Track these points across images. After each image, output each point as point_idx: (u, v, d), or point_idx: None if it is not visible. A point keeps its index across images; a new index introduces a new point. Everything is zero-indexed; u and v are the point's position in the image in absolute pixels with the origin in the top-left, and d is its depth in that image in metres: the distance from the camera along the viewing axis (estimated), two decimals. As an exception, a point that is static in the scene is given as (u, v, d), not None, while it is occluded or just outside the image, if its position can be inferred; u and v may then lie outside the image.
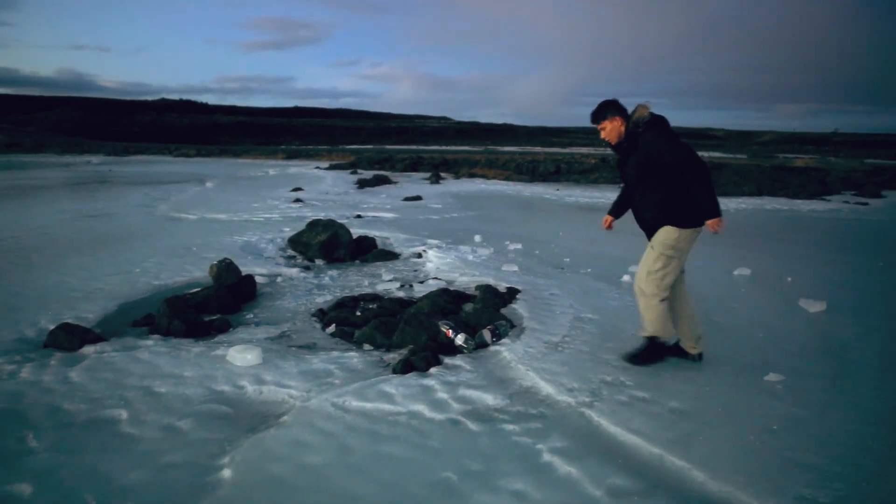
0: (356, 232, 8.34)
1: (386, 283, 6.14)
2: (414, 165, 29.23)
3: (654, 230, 3.60)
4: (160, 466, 2.61)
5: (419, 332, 4.19)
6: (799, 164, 32.41)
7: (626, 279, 6.09)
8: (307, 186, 18.14)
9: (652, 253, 3.57)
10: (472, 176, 25.08)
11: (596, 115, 3.67)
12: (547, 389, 3.38)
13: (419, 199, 14.99)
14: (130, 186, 18.25)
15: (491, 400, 3.25)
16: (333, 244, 7.41)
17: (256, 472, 2.55)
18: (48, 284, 5.62)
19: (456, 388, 3.38)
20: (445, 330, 4.20)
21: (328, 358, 3.88)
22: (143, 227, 9.71)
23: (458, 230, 9.74)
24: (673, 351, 3.81)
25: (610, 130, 3.64)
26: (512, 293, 5.51)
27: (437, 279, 6.21)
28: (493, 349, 4.06)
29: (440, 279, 6.21)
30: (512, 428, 2.93)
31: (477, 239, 8.72)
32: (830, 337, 4.39)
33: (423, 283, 6.12)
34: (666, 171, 3.44)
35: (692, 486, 2.48)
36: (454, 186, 19.86)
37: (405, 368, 3.69)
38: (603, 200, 15.31)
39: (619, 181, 4.10)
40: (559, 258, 7.42)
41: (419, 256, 7.57)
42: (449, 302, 5.11)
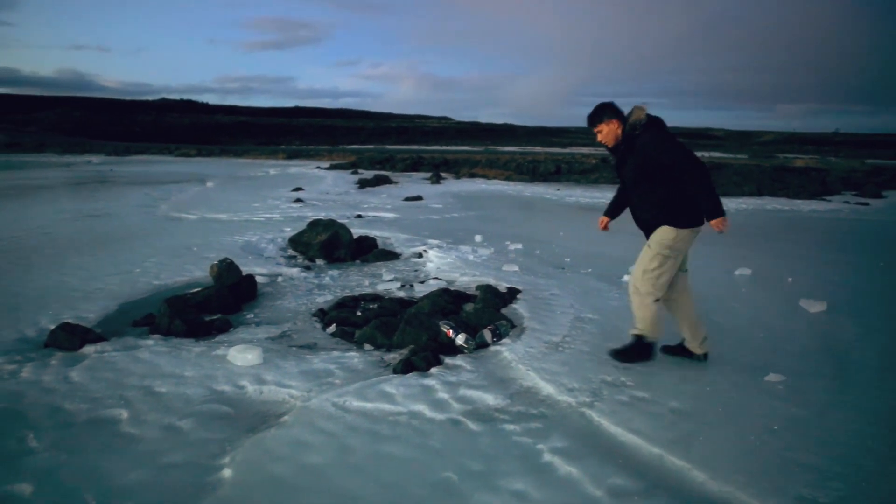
0: (357, 232, 8.35)
1: (386, 283, 6.14)
2: (414, 165, 29.26)
3: (651, 230, 3.60)
4: (161, 466, 2.61)
5: (420, 332, 4.19)
6: (799, 164, 32.41)
7: (626, 279, 6.07)
8: (308, 186, 18.15)
9: (648, 252, 3.58)
10: (472, 176, 25.09)
11: (592, 118, 3.66)
12: (547, 389, 3.38)
13: (420, 199, 15.00)
14: (131, 186, 18.26)
15: (491, 400, 3.25)
16: (334, 244, 7.42)
17: (257, 471, 2.55)
18: (49, 284, 5.62)
19: (456, 388, 3.38)
20: (446, 330, 4.20)
21: (329, 358, 3.88)
22: (143, 226, 9.72)
23: (458, 230, 9.74)
24: (678, 351, 3.82)
25: (606, 133, 3.63)
26: (512, 293, 5.51)
27: (437, 279, 6.21)
28: (493, 349, 4.06)
29: (441, 279, 6.21)
30: (512, 428, 2.93)
31: (477, 239, 8.72)
32: (831, 337, 4.39)
33: (423, 283, 6.12)
34: (664, 172, 3.44)
35: (692, 486, 2.48)
36: (455, 186, 19.86)
37: (406, 368, 3.69)
38: (603, 200, 15.29)
39: (618, 181, 4.15)
40: (560, 258, 7.42)
41: (420, 256, 7.58)
42: (449, 302, 5.11)
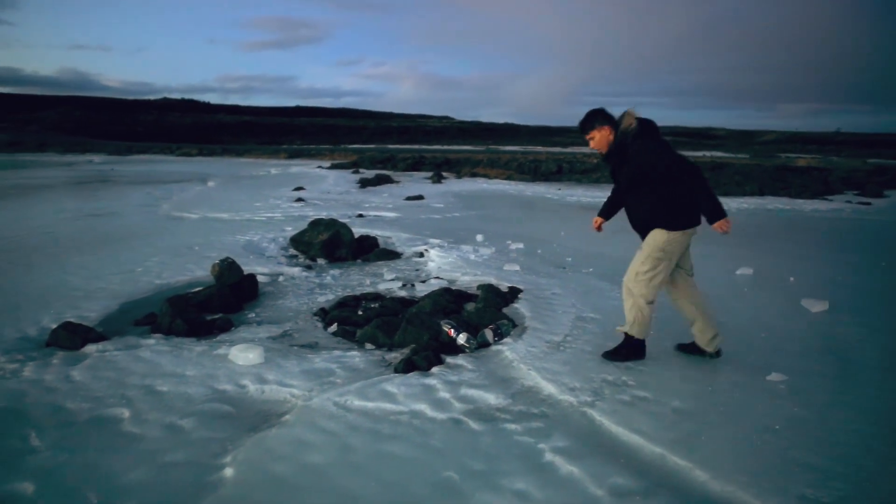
0: (358, 231, 8.35)
1: (388, 282, 6.14)
2: (416, 165, 29.26)
3: (646, 232, 3.62)
4: (162, 465, 2.61)
5: (421, 331, 4.19)
6: (801, 163, 32.38)
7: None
8: (309, 186, 18.16)
9: (641, 254, 3.60)
10: (473, 175, 25.09)
11: (583, 125, 3.66)
12: (549, 389, 3.38)
13: (421, 198, 15.00)
14: (132, 186, 18.28)
15: (493, 399, 3.24)
16: (335, 243, 7.42)
17: (258, 471, 2.55)
18: (50, 283, 5.63)
19: (458, 387, 3.38)
20: (447, 329, 4.20)
21: (330, 357, 3.88)
22: (145, 226, 9.73)
23: (459, 229, 9.74)
24: (691, 349, 3.84)
25: (599, 140, 3.63)
26: (514, 293, 5.51)
27: (438, 278, 6.21)
28: (494, 349, 4.06)
29: (442, 278, 6.21)
30: (514, 427, 2.93)
31: (479, 238, 8.72)
32: (832, 337, 4.38)
33: (424, 282, 6.12)
34: (657, 178, 3.45)
35: (694, 485, 2.48)
36: (456, 186, 19.86)
37: (407, 368, 3.69)
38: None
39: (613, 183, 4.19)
40: (561, 258, 7.42)
41: (421, 256, 7.57)
42: (451, 301, 5.11)
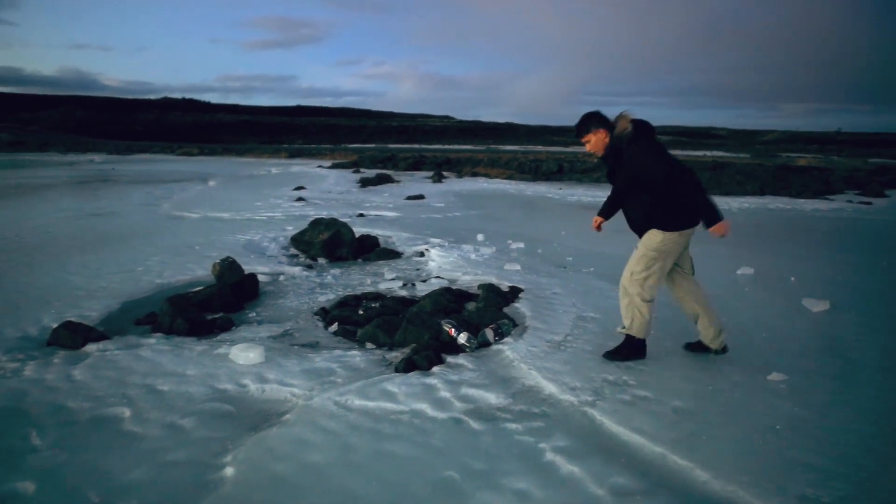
0: (359, 231, 8.35)
1: (388, 281, 6.14)
2: (416, 164, 29.27)
3: (643, 233, 3.64)
4: (163, 464, 2.61)
5: (422, 330, 4.19)
6: (802, 163, 32.36)
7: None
8: (310, 185, 18.16)
9: (636, 254, 3.62)
10: (474, 175, 25.08)
11: (579, 129, 3.67)
12: (549, 388, 3.38)
13: (422, 197, 15.00)
14: (133, 185, 18.29)
15: (493, 399, 3.24)
16: (336, 243, 7.42)
17: (259, 470, 2.56)
18: (51, 282, 5.63)
19: (458, 386, 3.38)
20: (448, 329, 4.20)
21: (331, 356, 3.89)
22: (145, 225, 9.74)
23: (460, 229, 9.74)
24: (697, 347, 3.85)
25: (595, 143, 3.64)
26: (514, 292, 5.51)
27: (439, 278, 6.21)
28: (495, 348, 4.06)
29: (443, 278, 6.21)
30: (514, 427, 2.93)
31: (479, 238, 8.71)
32: (833, 337, 4.37)
33: (425, 281, 6.12)
34: (654, 182, 3.46)
35: (695, 485, 2.48)
36: (457, 185, 19.86)
37: (408, 367, 3.69)
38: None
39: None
40: (562, 257, 7.41)
41: (422, 255, 7.57)
42: (451, 301, 5.11)
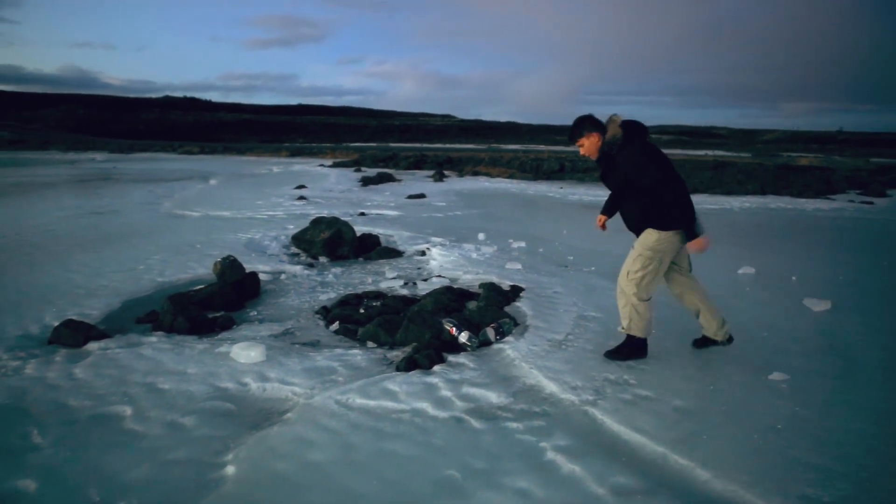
0: (360, 229, 8.35)
1: (390, 280, 6.13)
2: (418, 163, 29.26)
3: (639, 232, 3.65)
4: (164, 463, 2.62)
5: (423, 329, 4.19)
6: (803, 162, 32.31)
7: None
8: (311, 184, 18.16)
9: (633, 253, 3.63)
10: (475, 174, 25.07)
11: (572, 133, 3.67)
12: (550, 387, 3.38)
13: (423, 196, 15.00)
14: (134, 184, 18.30)
15: (494, 398, 3.25)
16: (337, 242, 7.42)
17: (260, 469, 2.56)
18: (52, 281, 5.63)
19: (459, 385, 3.38)
20: (449, 328, 4.20)
21: (332, 355, 3.89)
22: (147, 224, 9.74)
23: (461, 228, 9.74)
24: (703, 342, 3.88)
25: (588, 147, 3.64)
26: (515, 291, 5.51)
27: (440, 277, 6.21)
28: (496, 347, 4.06)
29: (444, 277, 6.21)
30: (515, 426, 2.93)
31: (481, 237, 8.71)
32: (835, 336, 4.37)
33: (426, 280, 6.12)
34: (643, 185, 3.49)
35: (696, 484, 2.48)
36: (458, 184, 19.85)
37: (409, 366, 3.69)
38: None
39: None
40: (563, 256, 7.41)
41: (423, 254, 7.57)
42: (452, 300, 5.11)
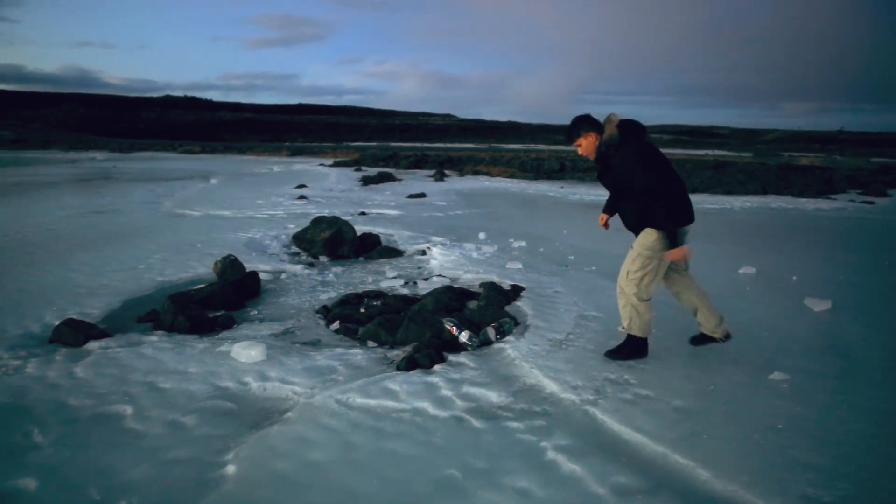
0: (360, 229, 8.35)
1: (390, 280, 6.13)
2: (418, 163, 29.26)
3: (638, 232, 3.65)
4: (164, 462, 2.62)
5: (423, 329, 4.19)
6: (804, 162, 32.31)
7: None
8: (311, 183, 18.16)
9: (632, 253, 3.63)
10: (476, 173, 25.06)
11: (570, 133, 3.67)
12: (551, 387, 3.38)
13: (423, 196, 14.99)
14: (135, 183, 18.30)
15: (495, 397, 3.25)
16: (337, 241, 7.42)
17: (260, 468, 2.56)
18: (53, 280, 5.64)
19: (460, 385, 3.38)
20: (450, 327, 4.20)
21: (332, 355, 3.89)
22: (147, 223, 9.74)
23: (462, 227, 9.74)
24: (702, 340, 3.88)
25: (586, 147, 3.64)
26: (516, 291, 5.51)
27: (441, 276, 6.21)
28: (497, 347, 4.06)
29: (444, 276, 6.21)
30: (516, 425, 2.93)
31: (481, 236, 8.71)
32: (835, 336, 4.37)
33: (427, 280, 6.12)
34: (636, 187, 3.49)
35: (696, 484, 2.48)
36: (458, 184, 19.84)
37: (409, 365, 3.69)
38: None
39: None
40: (563, 256, 7.41)
41: (423, 254, 7.57)
42: (453, 299, 5.11)
